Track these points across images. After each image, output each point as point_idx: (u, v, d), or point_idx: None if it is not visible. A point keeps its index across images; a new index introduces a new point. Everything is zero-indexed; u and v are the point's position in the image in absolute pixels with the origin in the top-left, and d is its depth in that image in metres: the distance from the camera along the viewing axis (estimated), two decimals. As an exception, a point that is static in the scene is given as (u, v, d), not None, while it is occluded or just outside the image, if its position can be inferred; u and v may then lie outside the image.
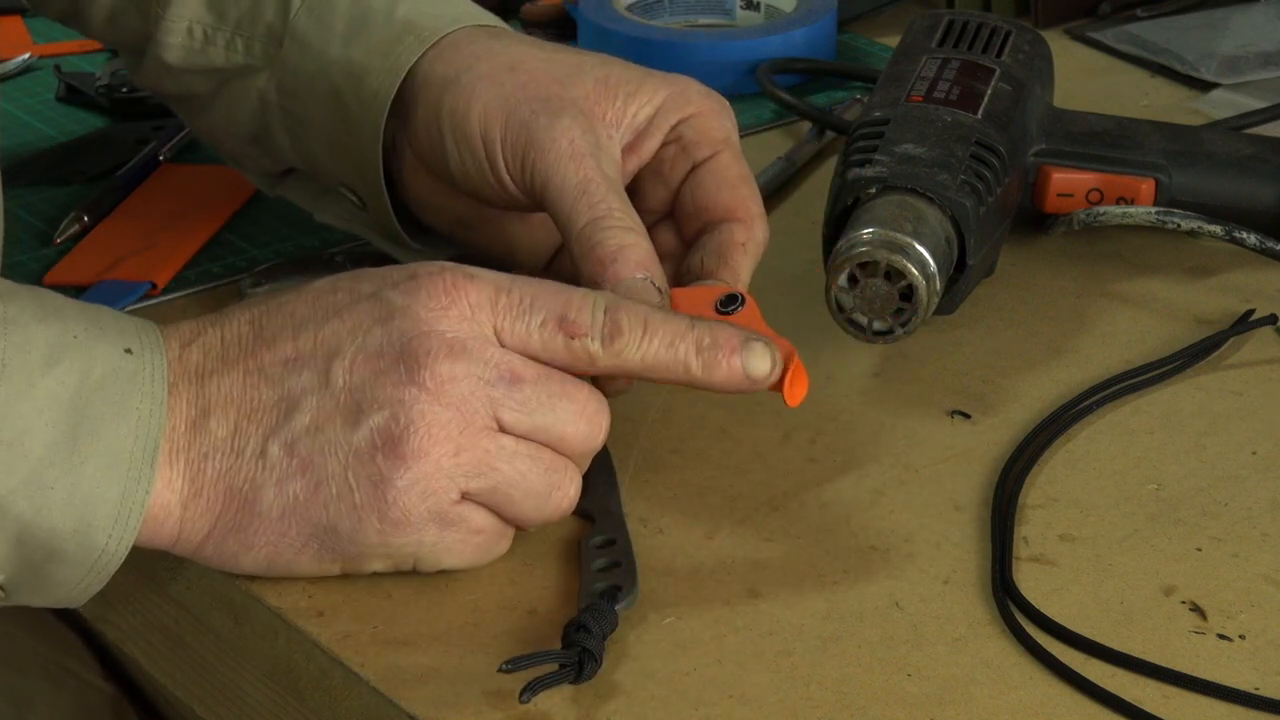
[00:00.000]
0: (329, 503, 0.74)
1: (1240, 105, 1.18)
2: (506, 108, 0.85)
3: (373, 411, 0.73)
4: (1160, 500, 0.83)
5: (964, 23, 1.04)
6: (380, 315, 0.74)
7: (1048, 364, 0.93)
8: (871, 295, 0.87)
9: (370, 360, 0.73)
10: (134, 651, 0.85)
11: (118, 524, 0.72)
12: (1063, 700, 0.72)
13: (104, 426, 0.72)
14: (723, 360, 0.76)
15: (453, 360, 0.73)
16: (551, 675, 0.71)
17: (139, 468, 0.72)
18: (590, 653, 0.71)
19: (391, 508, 0.74)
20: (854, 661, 0.74)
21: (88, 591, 0.74)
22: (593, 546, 0.79)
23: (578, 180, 0.83)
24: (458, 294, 0.74)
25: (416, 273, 0.75)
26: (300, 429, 0.74)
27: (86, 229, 1.05)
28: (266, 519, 0.74)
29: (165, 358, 0.74)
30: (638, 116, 0.87)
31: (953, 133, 0.94)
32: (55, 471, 0.71)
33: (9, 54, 1.27)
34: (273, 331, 0.75)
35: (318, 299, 0.76)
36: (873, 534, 0.81)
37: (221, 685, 0.81)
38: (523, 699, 0.70)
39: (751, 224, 0.86)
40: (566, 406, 0.75)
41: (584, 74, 0.87)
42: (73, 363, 0.72)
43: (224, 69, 0.93)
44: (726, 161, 0.87)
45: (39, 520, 0.71)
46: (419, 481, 0.73)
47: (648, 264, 0.82)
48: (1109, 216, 0.99)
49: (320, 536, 0.75)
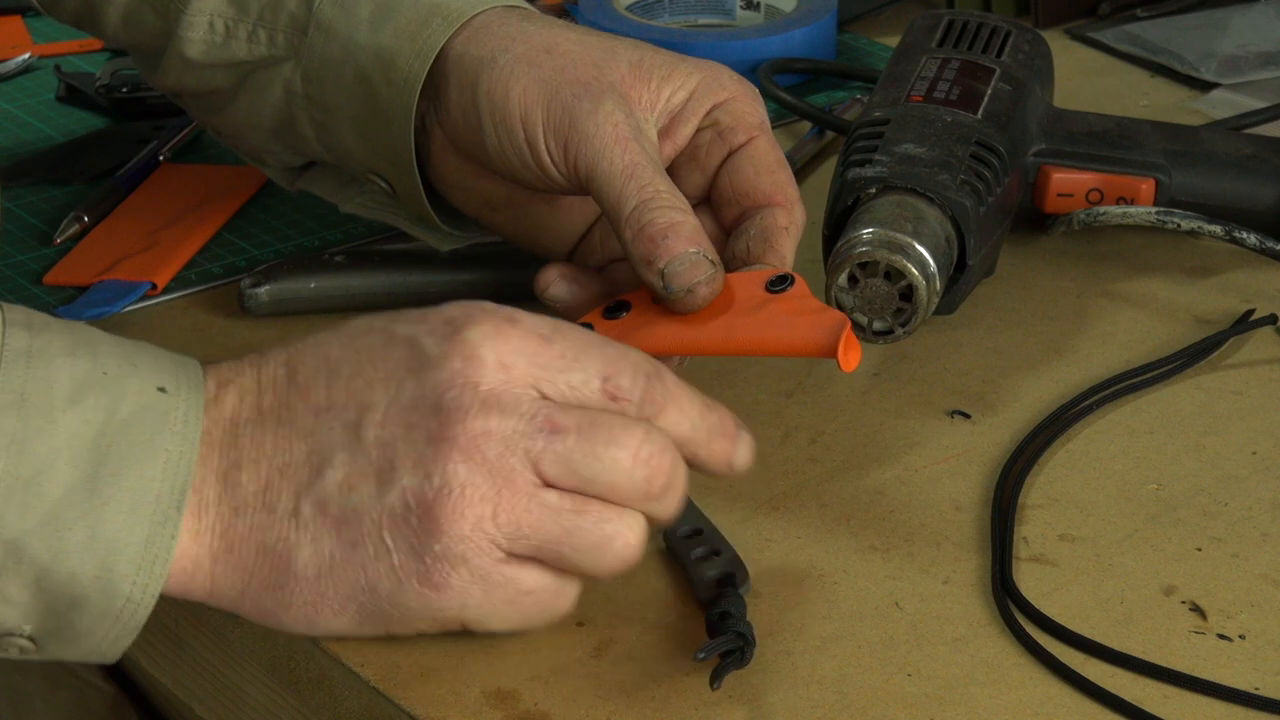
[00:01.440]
0: (366, 564, 0.70)
1: (1240, 105, 1.18)
2: (547, 91, 0.84)
3: (405, 471, 0.70)
4: (1160, 500, 0.83)
5: (964, 23, 1.04)
6: (414, 364, 0.71)
7: (1048, 364, 0.93)
8: (871, 295, 0.87)
9: (403, 414, 0.70)
10: (134, 651, 0.84)
11: (142, 571, 0.69)
12: (1063, 700, 0.72)
13: (128, 467, 0.69)
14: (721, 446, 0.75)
15: (487, 415, 0.70)
16: (728, 661, 0.71)
17: (165, 511, 0.69)
18: (745, 636, 0.72)
19: (431, 572, 0.70)
20: (854, 661, 0.74)
21: (118, 644, 0.71)
22: (681, 538, 0.79)
23: (624, 164, 0.82)
24: (498, 342, 0.71)
25: (454, 318, 0.72)
26: (332, 487, 0.70)
27: (86, 229, 1.05)
28: (303, 579, 0.71)
29: (203, 398, 0.72)
30: (672, 101, 0.86)
31: (953, 133, 0.94)
32: (74, 513, 0.68)
33: (9, 54, 1.27)
34: (306, 377, 0.72)
35: (352, 340, 0.73)
36: (873, 534, 0.81)
37: (221, 685, 0.81)
38: (714, 686, 0.70)
39: (792, 208, 0.85)
40: (615, 455, 0.70)
41: (618, 57, 0.86)
42: (99, 399, 0.69)
43: (246, 61, 0.93)
44: (763, 147, 0.86)
45: (57, 564, 0.68)
46: (456, 545, 0.70)
47: (698, 239, 0.81)
48: (1109, 216, 0.99)
49: (359, 598, 0.71)
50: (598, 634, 0.75)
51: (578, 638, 0.75)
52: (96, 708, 0.91)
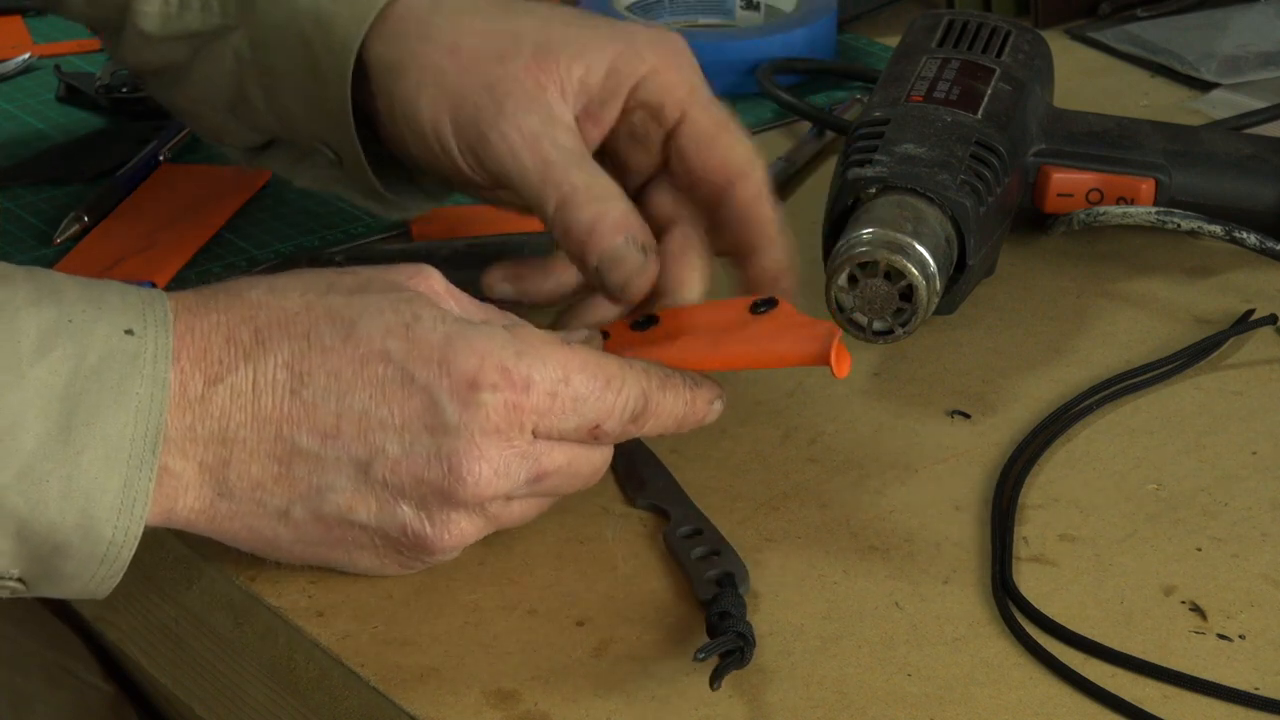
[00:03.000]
0: (351, 551, 0.76)
1: (1240, 105, 1.18)
2: (452, 102, 0.84)
3: (408, 510, 0.74)
4: (1160, 500, 0.83)
5: (964, 23, 1.04)
6: (431, 423, 0.73)
7: (1048, 364, 0.93)
8: (871, 295, 0.87)
9: (414, 468, 0.73)
10: (134, 651, 0.84)
11: (122, 514, 0.71)
12: (1063, 700, 0.72)
13: (100, 414, 0.70)
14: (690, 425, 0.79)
15: (495, 480, 0.74)
16: (728, 661, 0.72)
17: (140, 454, 0.71)
18: (745, 636, 0.72)
19: (412, 564, 0.77)
20: (854, 661, 0.74)
21: (106, 583, 0.73)
22: (681, 538, 0.80)
23: (535, 166, 0.82)
24: (513, 415, 0.74)
25: (475, 380, 0.73)
26: (331, 505, 0.74)
27: (86, 229, 1.05)
28: (285, 551, 0.76)
29: (171, 333, 0.72)
30: (588, 80, 0.85)
31: (953, 133, 0.94)
32: (49, 464, 0.70)
33: (9, 54, 1.27)
34: (314, 394, 0.73)
35: (365, 366, 0.73)
36: (873, 534, 0.81)
37: (221, 685, 0.81)
38: (714, 686, 0.71)
39: (750, 171, 0.85)
40: (574, 483, 0.77)
41: (522, 43, 0.85)
42: (66, 349, 0.70)
43: (201, 32, 0.92)
44: (697, 117, 0.85)
45: (36, 515, 0.70)
46: (441, 557, 0.77)
47: (624, 224, 0.81)
48: (1109, 216, 0.99)
49: (337, 565, 0.77)
50: (598, 634, 0.75)
51: (578, 638, 0.75)
52: (96, 708, 0.91)
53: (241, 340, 0.73)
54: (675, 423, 0.78)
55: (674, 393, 0.78)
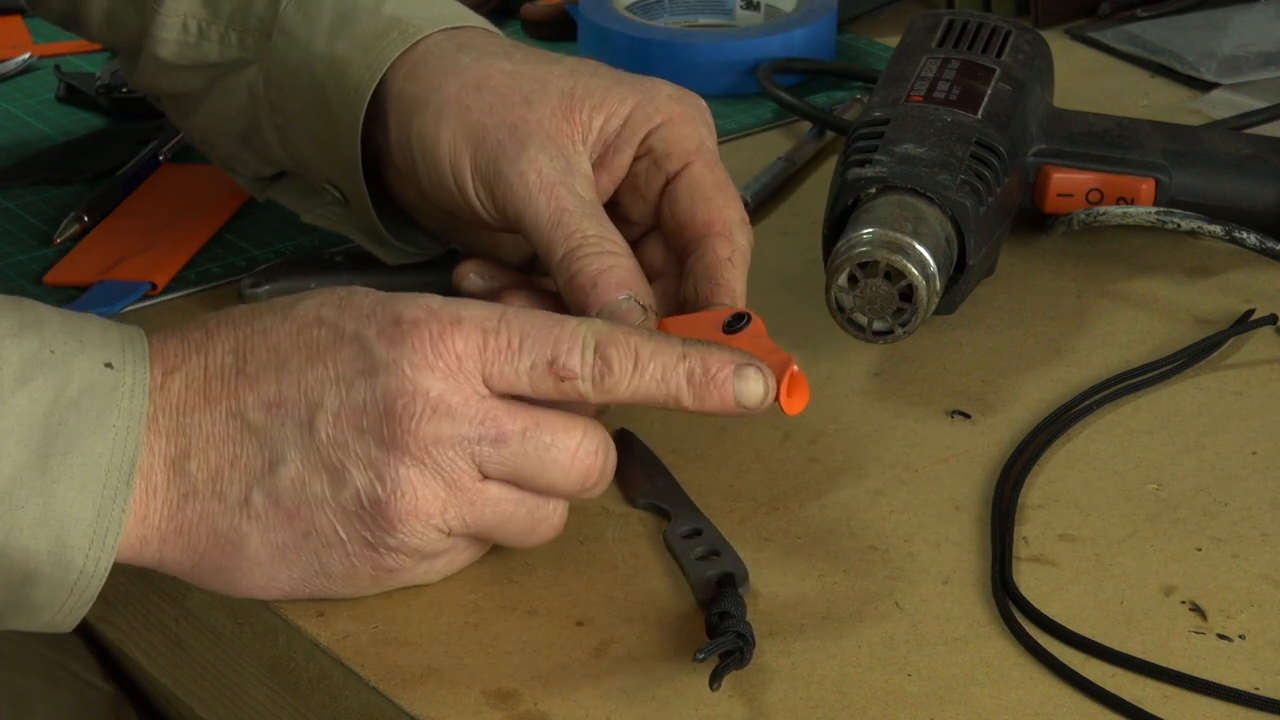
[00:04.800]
0: (319, 550, 0.74)
1: (1240, 105, 1.18)
2: (474, 137, 0.84)
3: (357, 472, 0.73)
4: (1160, 500, 0.83)
5: (964, 23, 1.04)
6: (363, 367, 0.73)
7: (1048, 364, 0.93)
8: (871, 295, 0.87)
9: (353, 417, 0.73)
10: (134, 651, 0.85)
11: (94, 544, 0.71)
12: (1063, 700, 0.72)
13: (78, 445, 0.71)
14: (714, 391, 0.75)
15: (437, 422, 0.72)
16: (728, 661, 0.71)
17: (115, 486, 0.71)
18: (745, 636, 0.72)
19: (384, 559, 0.74)
20: (854, 661, 0.74)
21: (72, 615, 0.73)
22: (681, 538, 0.79)
23: (549, 212, 0.82)
24: (444, 346, 0.73)
25: (401, 318, 0.73)
26: (285, 481, 0.73)
27: (86, 229, 1.05)
28: (255, 562, 0.74)
29: (150, 371, 0.73)
30: (606, 129, 0.85)
31: (953, 133, 0.94)
32: (26, 491, 0.70)
33: (9, 54, 1.27)
34: (256, 367, 0.74)
35: (300, 333, 0.74)
36: (873, 534, 0.81)
37: (221, 685, 0.81)
38: (714, 686, 0.71)
39: (731, 234, 0.84)
40: (554, 458, 0.74)
41: (549, 89, 0.85)
42: (47, 379, 0.71)
43: (217, 64, 0.93)
44: (698, 172, 0.85)
45: (11, 541, 0.70)
46: (409, 539, 0.74)
47: (629, 283, 0.81)
48: (1109, 216, 0.99)
49: (312, 577, 0.75)
50: (598, 634, 0.75)
51: (578, 638, 0.75)
52: (96, 708, 0.91)
53: (193, 338, 0.75)
54: (667, 375, 0.74)
55: (646, 338, 0.74)
